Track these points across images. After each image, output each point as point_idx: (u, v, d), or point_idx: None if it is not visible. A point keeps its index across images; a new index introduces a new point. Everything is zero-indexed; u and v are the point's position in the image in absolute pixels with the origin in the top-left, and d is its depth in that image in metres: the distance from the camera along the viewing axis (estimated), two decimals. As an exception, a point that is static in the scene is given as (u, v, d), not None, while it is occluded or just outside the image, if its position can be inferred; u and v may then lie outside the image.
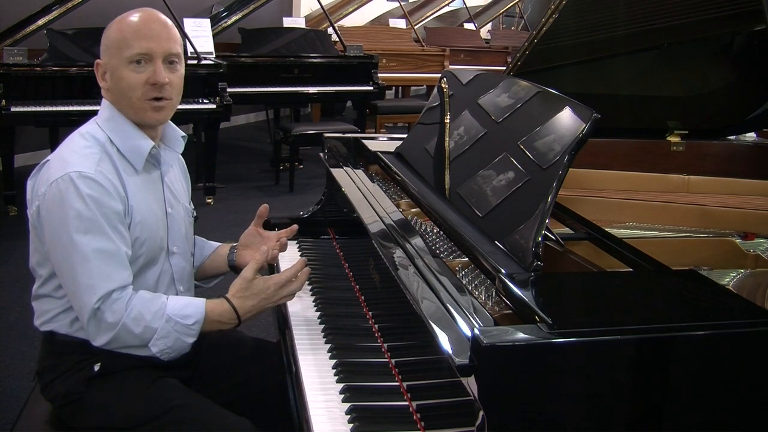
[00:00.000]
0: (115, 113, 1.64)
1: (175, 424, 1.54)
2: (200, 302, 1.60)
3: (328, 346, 1.62)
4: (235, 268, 1.89)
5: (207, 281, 1.99)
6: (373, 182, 2.01)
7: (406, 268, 1.41)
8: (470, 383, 1.05)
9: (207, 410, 1.59)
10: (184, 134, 1.80)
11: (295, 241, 2.34)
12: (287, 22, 6.40)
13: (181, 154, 1.84)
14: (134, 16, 1.62)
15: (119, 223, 1.55)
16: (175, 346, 1.56)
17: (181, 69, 1.66)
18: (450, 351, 1.10)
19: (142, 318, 1.52)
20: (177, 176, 1.82)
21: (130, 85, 1.59)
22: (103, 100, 1.67)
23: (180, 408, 1.56)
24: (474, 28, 8.84)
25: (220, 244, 1.99)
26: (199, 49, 5.08)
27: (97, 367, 1.60)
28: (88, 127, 1.65)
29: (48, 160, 1.60)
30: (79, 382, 1.59)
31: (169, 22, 1.66)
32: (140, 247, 1.61)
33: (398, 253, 1.48)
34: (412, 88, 9.17)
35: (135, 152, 1.63)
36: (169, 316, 1.54)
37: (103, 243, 1.52)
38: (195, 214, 1.88)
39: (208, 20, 5.51)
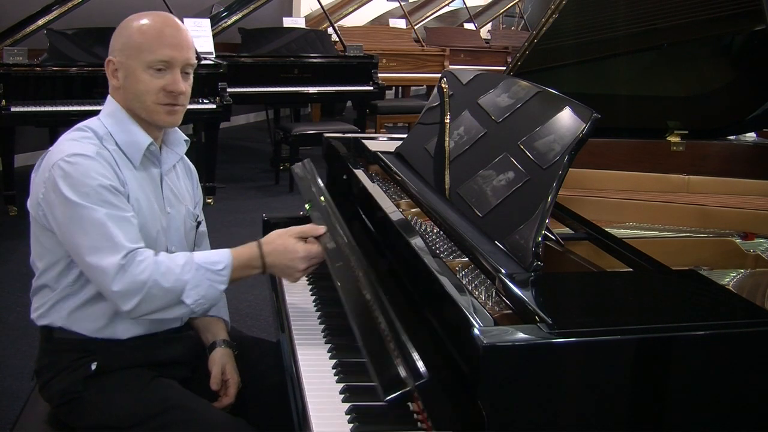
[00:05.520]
0: (117, 109, 1.65)
1: (171, 424, 1.54)
2: (225, 250, 1.61)
3: (328, 346, 1.62)
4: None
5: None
6: (373, 182, 2.01)
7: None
8: (470, 383, 1.05)
9: (203, 411, 1.58)
10: (187, 138, 1.81)
11: (295, 241, 2.33)
12: (287, 22, 6.40)
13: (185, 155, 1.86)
14: (155, 20, 1.62)
15: (122, 195, 1.57)
16: (208, 294, 1.56)
17: (192, 77, 1.68)
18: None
19: (171, 272, 1.52)
20: (181, 178, 1.82)
21: (147, 88, 1.60)
22: (109, 96, 1.68)
23: (176, 409, 1.56)
24: (474, 28, 8.84)
25: (213, 316, 1.83)
26: (199, 49, 5.07)
27: (93, 366, 1.60)
28: (89, 121, 1.67)
29: (48, 151, 1.62)
30: (76, 381, 1.60)
31: (187, 29, 1.68)
32: None
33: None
34: (412, 88, 9.17)
35: (133, 147, 1.64)
36: (199, 264, 1.55)
37: (112, 210, 1.52)
38: (200, 219, 1.87)
39: (208, 20, 5.51)
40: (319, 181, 1.92)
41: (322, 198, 1.81)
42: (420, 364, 1.18)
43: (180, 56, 1.61)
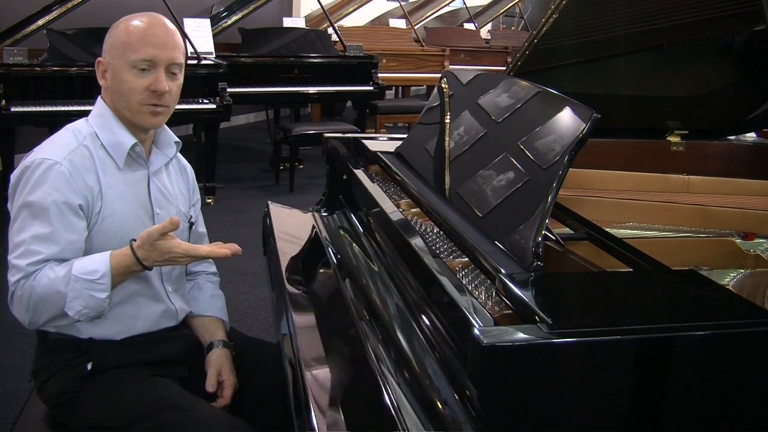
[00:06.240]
0: (105, 110, 1.67)
1: (167, 424, 1.54)
2: (105, 256, 1.56)
3: (328, 346, 1.62)
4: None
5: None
6: (373, 182, 2.01)
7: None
8: (470, 383, 1.05)
9: (199, 410, 1.58)
10: (178, 140, 1.81)
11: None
12: (287, 22, 6.40)
13: (182, 155, 1.85)
14: (142, 20, 1.62)
15: (72, 215, 1.56)
16: (90, 304, 1.52)
17: (181, 77, 1.68)
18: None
19: (51, 285, 1.51)
20: (174, 179, 1.82)
21: (131, 88, 1.61)
22: (99, 97, 1.70)
23: (172, 409, 1.56)
24: (474, 28, 8.84)
25: (210, 317, 1.86)
26: (199, 49, 5.08)
27: (89, 366, 1.60)
28: (77, 122, 1.68)
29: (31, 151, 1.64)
30: (72, 381, 1.60)
31: (176, 30, 1.67)
32: (111, 240, 1.61)
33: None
34: (412, 88, 9.17)
35: (117, 147, 1.65)
36: (76, 276, 1.51)
37: (42, 228, 1.54)
38: (193, 219, 1.86)
39: (208, 20, 5.51)
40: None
41: None
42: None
43: (164, 55, 1.61)
